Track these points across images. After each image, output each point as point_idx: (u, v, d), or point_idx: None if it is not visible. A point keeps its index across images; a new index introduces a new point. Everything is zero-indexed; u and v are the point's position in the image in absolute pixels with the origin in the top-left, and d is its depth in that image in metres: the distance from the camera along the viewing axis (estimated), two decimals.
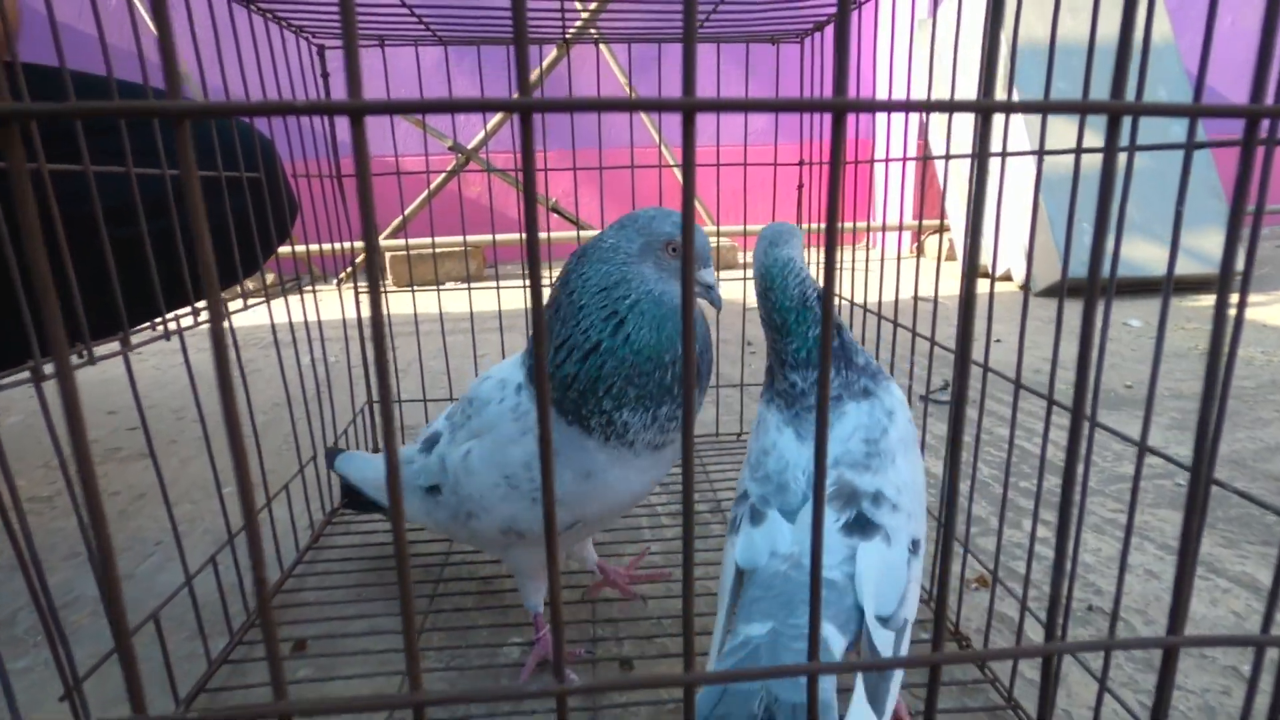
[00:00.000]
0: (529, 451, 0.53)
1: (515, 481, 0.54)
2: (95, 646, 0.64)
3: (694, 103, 0.17)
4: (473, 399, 0.58)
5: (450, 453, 0.57)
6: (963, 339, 0.18)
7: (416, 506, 0.61)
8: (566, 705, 0.20)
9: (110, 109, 0.16)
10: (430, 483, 0.59)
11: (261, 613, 0.18)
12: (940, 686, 0.53)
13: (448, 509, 0.58)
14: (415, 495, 0.60)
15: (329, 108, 0.17)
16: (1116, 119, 0.18)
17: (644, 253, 0.51)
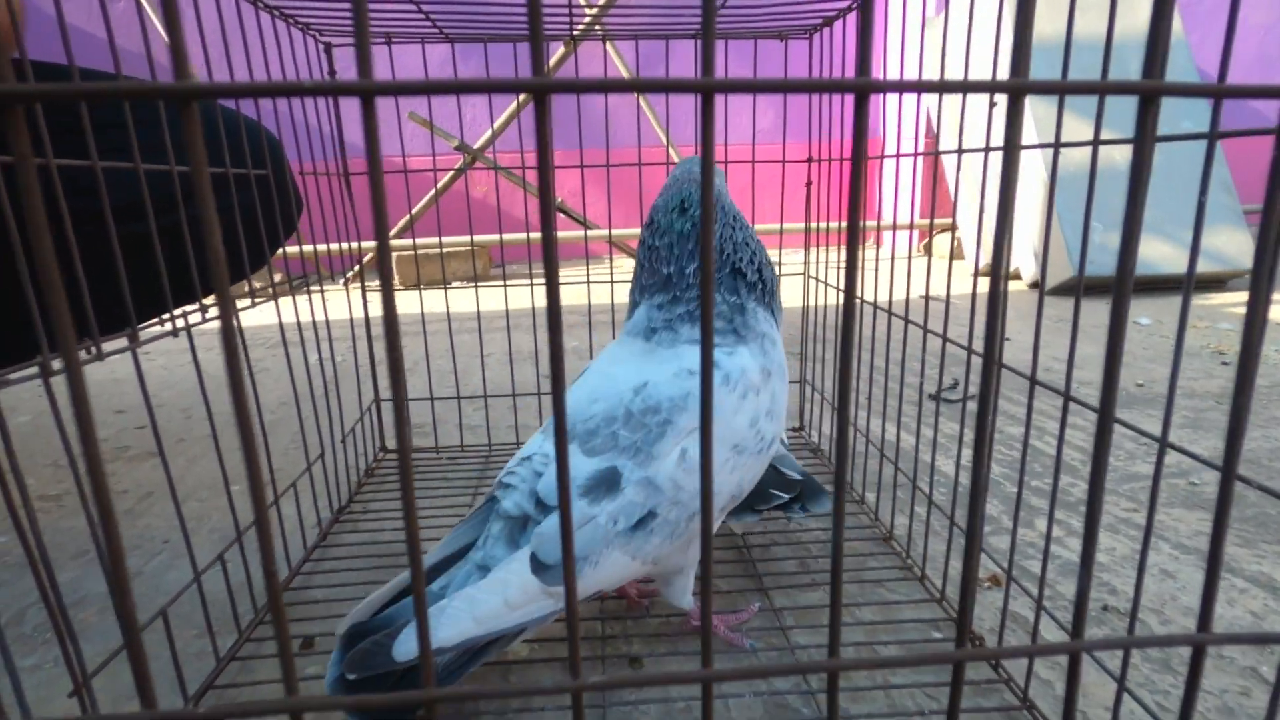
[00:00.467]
0: (753, 409, 0.57)
1: (744, 445, 0.56)
2: (103, 644, 0.64)
3: (713, 83, 0.17)
4: (654, 407, 0.55)
5: (656, 470, 0.53)
6: (992, 319, 0.18)
7: (615, 559, 0.52)
8: (582, 701, 0.20)
9: (116, 90, 0.16)
10: (640, 516, 0.53)
11: (273, 608, 0.18)
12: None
13: (666, 529, 0.53)
14: (614, 548, 0.52)
15: (339, 88, 0.16)
16: (1149, 100, 0.18)
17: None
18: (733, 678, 0.20)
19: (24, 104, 0.16)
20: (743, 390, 0.56)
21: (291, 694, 0.20)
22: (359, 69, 0.16)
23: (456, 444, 1.08)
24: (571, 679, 0.20)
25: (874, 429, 1.09)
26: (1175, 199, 2.13)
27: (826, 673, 0.21)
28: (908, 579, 0.70)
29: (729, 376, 0.56)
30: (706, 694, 0.21)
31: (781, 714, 0.53)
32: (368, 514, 0.87)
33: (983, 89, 0.17)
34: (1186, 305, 0.37)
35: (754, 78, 0.17)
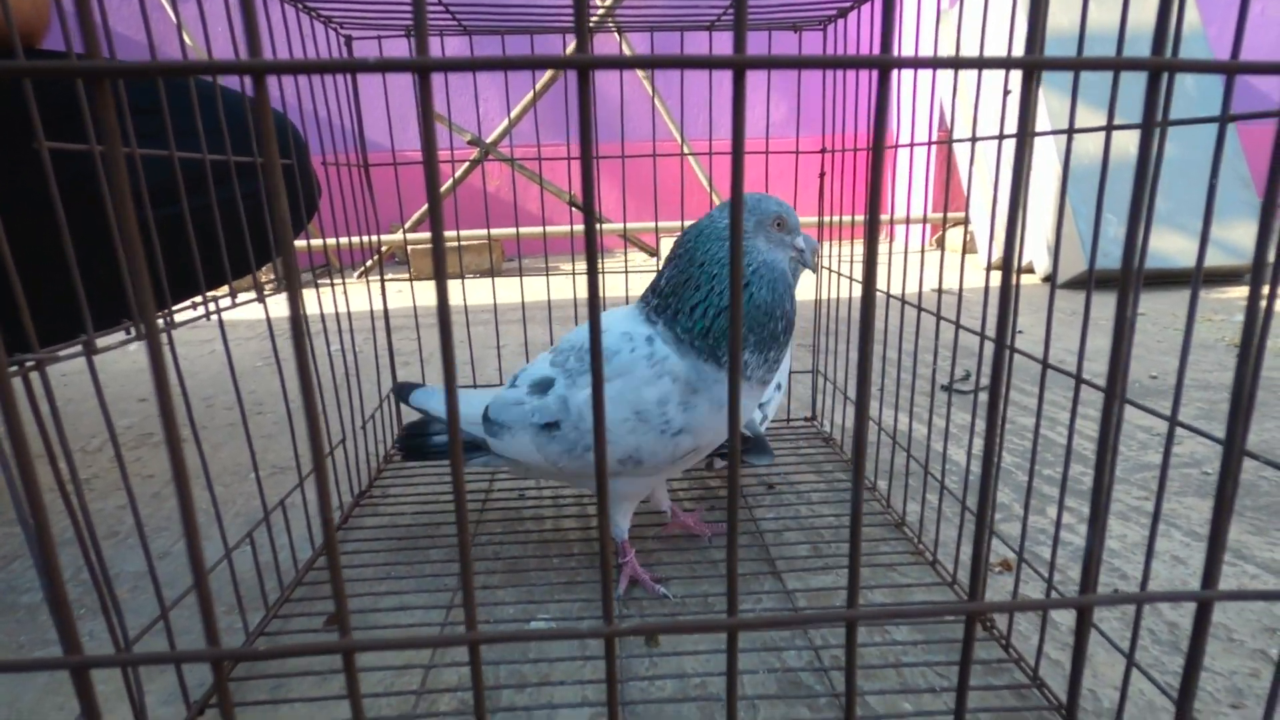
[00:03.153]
0: (664, 390, 0.63)
1: (646, 416, 0.64)
2: (136, 620, 0.66)
3: (745, 59, 0.18)
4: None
5: (573, 394, 0.66)
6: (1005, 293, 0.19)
7: (526, 442, 0.68)
8: (615, 646, 0.21)
9: (190, 67, 0.17)
10: (547, 420, 0.67)
11: (328, 546, 0.19)
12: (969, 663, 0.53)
13: (564, 443, 0.66)
14: (527, 432, 0.68)
15: (398, 64, 0.17)
16: (1157, 76, 0.19)
17: (756, 229, 0.64)
18: (757, 626, 0.21)
19: (111, 79, 0.17)
20: (659, 372, 0.63)
21: (344, 635, 0.21)
22: (417, 48, 0.17)
23: None
24: (605, 625, 0.21)
25: (886, 419, 1.10)
26: (1191, 191, 2.12)
27: (845, 622, 0.22)
28: (919, 563, 0.71)
29: (654, 355, 0.64)
30: (731, 641, 0.22)
31: (794, 690, 0.55)
32: (387, 498, 0.88)
33: (998, 65, 0.18)
34: (1197, 282, 0.37)
35: (784, 54, 0.18)
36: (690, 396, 0.63)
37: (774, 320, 0.63)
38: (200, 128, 0.54)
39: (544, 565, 0.74)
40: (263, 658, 0.20)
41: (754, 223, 0.64)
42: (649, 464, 0.65)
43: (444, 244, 0.19)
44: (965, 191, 2.68)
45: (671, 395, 0.63)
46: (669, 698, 0.54)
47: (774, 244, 0.64)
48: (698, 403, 0.63)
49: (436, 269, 0.19)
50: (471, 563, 0.20)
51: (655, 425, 0.64)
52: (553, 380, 0.68)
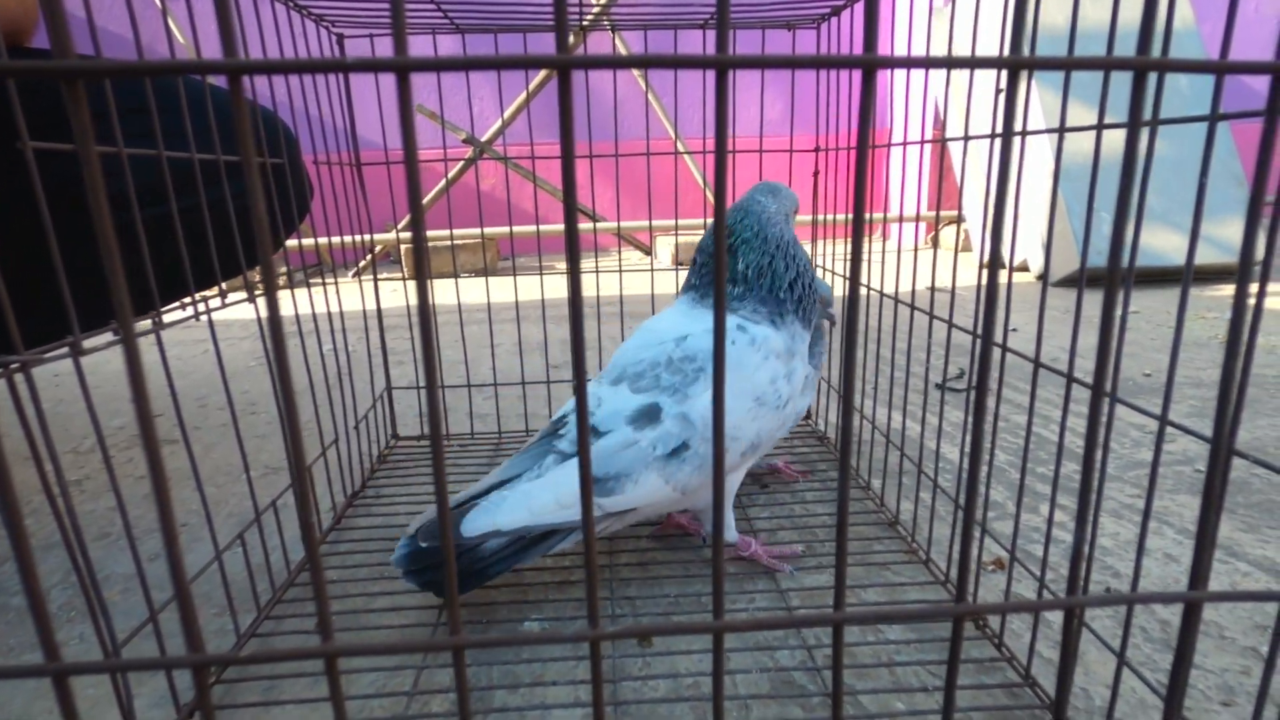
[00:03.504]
0: (773, 370, 0.67)
1: (764, 399, 0.66)
2: (126, 622, 0.66)
3: (727, 59, 0.18)
4: (690, 355, 0.67)
5: (690, 407, 0.64)
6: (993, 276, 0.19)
7: (652, 480, 0.62)
8: (600, 649, 0.21)
9: (167, 66, 0.17)
10: (674, 446, 0.63)
11: (310, 556, 0.19)
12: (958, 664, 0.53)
13: (696, 459, 0.64)
14: (651, 470, 0.62)
15: (378, 64, 0.17)
16: (1143, 76, 0.19)
17: (788, 221, 0.73)
18: (742, 628, 0.21)
19: (86, 79, 0.17)
20: (765, 353, 0.67)
21: (327, 640, 0.21)
22: (395, 47, 0.17)
23: (466, 432, 1.10)
24: (590, 629, 0.21)
25: (880, 417, 1.10)
26: (1185, 189, 2.12)
27: (832, 625, 0.22)
28: (913, 562, 0.71)
29: (754, 339, 0.67)
30: (717, 643, 0.22)
31: (787, 689, 0.55)
32: (380, 499, 0.88)
33: (984, 64, 0.18)
34: (1187, 280, 0.37)
35: (765, 54, 0.18)
36: (790, 363, 0.68)
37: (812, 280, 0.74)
38: (189, 128, 0.54)
39: (538, 565, 0.74)
40: (244, 663, 0.20)
41: (790, 209, 0.74)
42: (764, 445, 0.68)
43: (425, 245, 0.19)
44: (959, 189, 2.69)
45: (779, 370, 0.67)
46: (662, 698, 0.54)
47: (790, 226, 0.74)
48: (795, 366, 0.69)
49: (418, 271, 0.19)
50: (454, 566, 0.20)
51: (772, 404, 0.66)
52: (655, 405, 0.64)
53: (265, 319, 0.19)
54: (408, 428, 1.12)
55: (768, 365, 0.66)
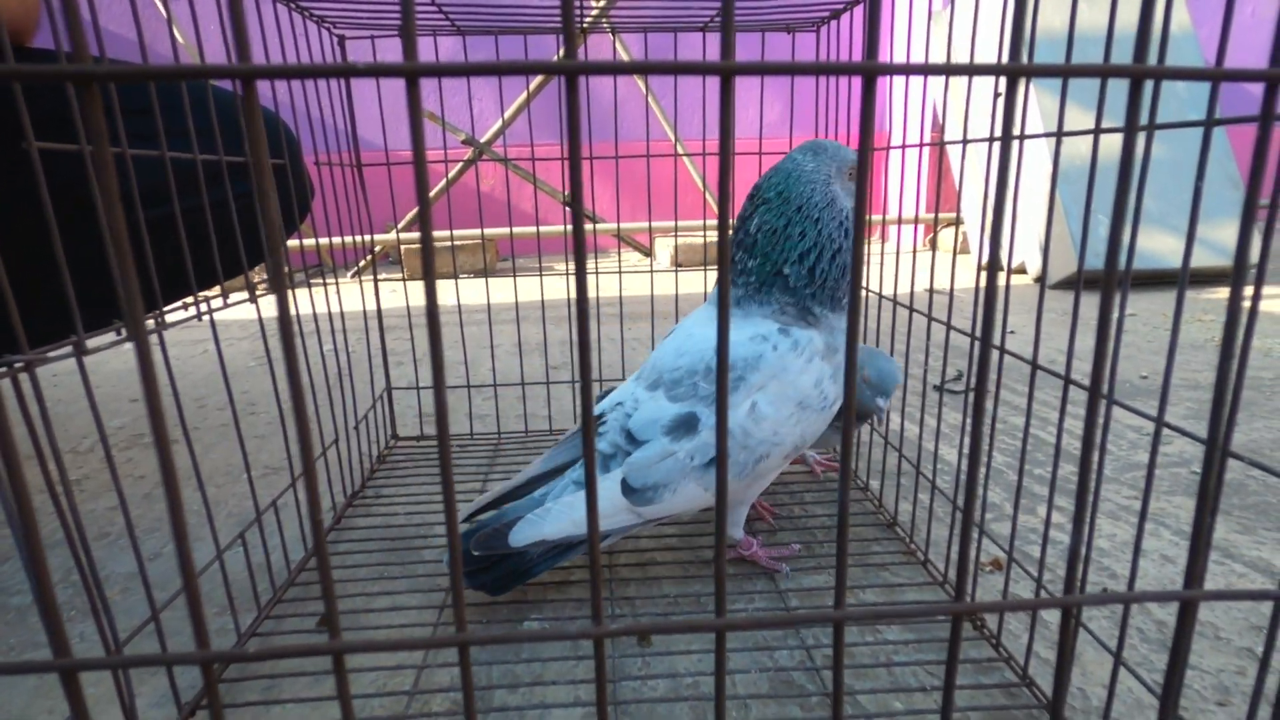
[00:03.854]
0: (817, 373, 0.64)
1: (808, 403, 0.64)
2: (128, 621, 0.66)
3: (733, 66, 0.18)
4: (730, 365, 0.64)
5: (730, 417, 0.63)
6: (991, 279, 0.19)
7: (691, 488, 0.64)
8: (604, 646, 0.21)
9: (180, 71, 0.17)
10: (713, 455, 0.63)
11: (317, 549, 0.20)
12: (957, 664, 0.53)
13: (734, 468, 0.64)
14: (690, 479, 0.63)
15: (388, 70, 0.17)
16: (1139, 83, 0.19)
17: (836, 177, 0.65)
18: (744, 626, 0.21)
19: (100, 83, 0.17)
20: (808, 355, 0.64)
21: (334, 637, 0.21)
22: (405, 53, 0.17)
23: (466, 432, 1.10)
24: (594, 626, 0.22)
25: None
26: (1183, 192, 2.13)
27: (832, 623, 0.22)
28: (911, 563, 0.71)
29: (797, 343, 0.64)
30: (720, 642, 0.22)
31: (786, 689, 0.55)
32: (380, 499, 0.88)
33: (983, 72, 0.18)
34: (1183, 284, 0.38)
35: (771, 61, 0.18)
36: (834, 360, 0.65)
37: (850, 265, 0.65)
38: (192, 128, 0.54)
39: None
40: (252, 659, 0.20)
41: (835, 169, 0.65)
42: (808, 442, 0.67)
43: (433, 249, 0.19)
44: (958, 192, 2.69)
45: (824, 373, 0.65)
46: (661, 697, 0.54)
47: (846, 192, 0.65)
48: (840, 363, 0.65)
49: (426, 277, 0.19)
50: (461, 565, 0.20)
51: (816, 407, 0.65)
52: (693, 414, 0.64)
53: (276, 316, 0.20)
54: (407, 428, 1.12)
55: (811, 368, 0.64)
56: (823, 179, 0.64)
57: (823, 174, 0.64)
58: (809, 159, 0.65)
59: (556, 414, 1.13)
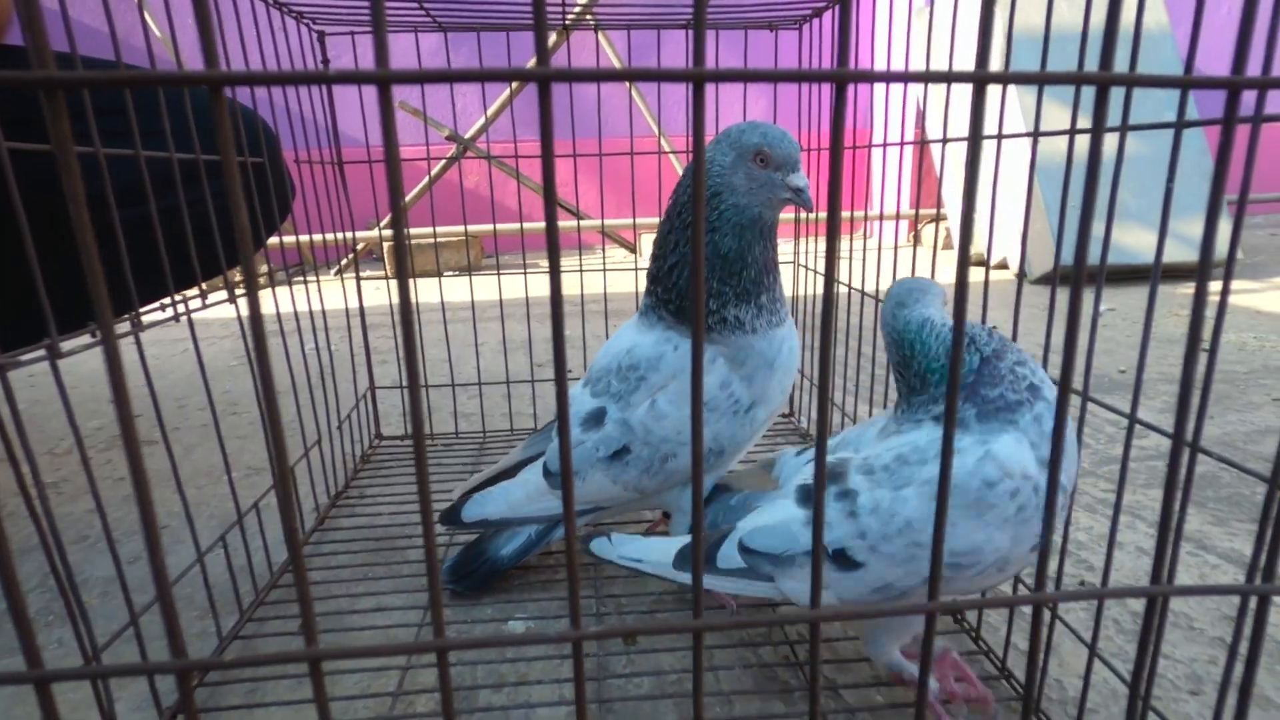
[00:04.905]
0: (721, 374, 0.62)
1: (714, 404, 0.62)
2: (106, 626, 0.65)
3: (703, 73, 0.18)
4: (634, 364, 0.65)
5: (631, 414, 0.64)
6: (961, 286, 0.19)
7: (598, 480, 0.65)
8: (582, 650, 0.21)
9: (152, 78, 0.17)
10: (614, 449, 0.64)
11: (293, 559, 0.20)
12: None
13: (639, 464, 0.64)
14: (597, 470, 0.65)
15: (359, 77, 0.17)
16: (1105, 90, 0.19)
17: (735, 165, 0.58)
18: (721, 627, 0.22)
19: (66, 89, 0.17)
20: (710, 356, 0.62)
21: (310, 644, 0.21)
22: (377, 59, 0.17)
23: (451, 431, 1.09)
24: (573, 630, 0.22)
25: (861, 413, 1.11)
26: (1162, 189, 2.16)
27: (808, 623, 0.22)
28: None
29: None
30: (697, 642, 0.22)
31: (769, 685, 0.55)
32: (364, 499, 0.88)
33: (950, 79, 0.18)
34: (1154, 289, 0.38)
35: (742, 68, 0.18)
36: (741, 371, 0.62)
37: (746, 268, 0.60)
38: (167, 128, 0.53)
39: (522, 565, 0.74)
40: (229, 667, 0.20)
41: (733, 158, 0.58)
42: (729, 450, 0.64)
43: (407, 249, 0.19)
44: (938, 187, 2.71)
45: (731, 375, 0.62)
46: (646, 695, 0.55)
47: (755, 183, 0.58)
48: (752, 370, 0.62)
49: (400, 280, 0.19)
50: (439, 569, 0.20)
51: (726, 409, 0.63)
52: (602, 409, 0.66)
53: (247, 318, 0.20)
54: (391, 427, 1.12)
55: (714, 370, 0.62)
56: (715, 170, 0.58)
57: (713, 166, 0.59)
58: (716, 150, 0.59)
59: (542, 412, 1.13)
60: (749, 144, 0.57)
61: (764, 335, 0.63)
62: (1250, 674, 0.25)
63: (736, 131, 0.58)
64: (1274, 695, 0.53)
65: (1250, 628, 0.23)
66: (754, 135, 0.57)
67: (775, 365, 0.63)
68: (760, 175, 0.57)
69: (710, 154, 0.59)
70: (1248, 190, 0.32)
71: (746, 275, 0.60)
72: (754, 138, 0.57)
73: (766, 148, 0.57)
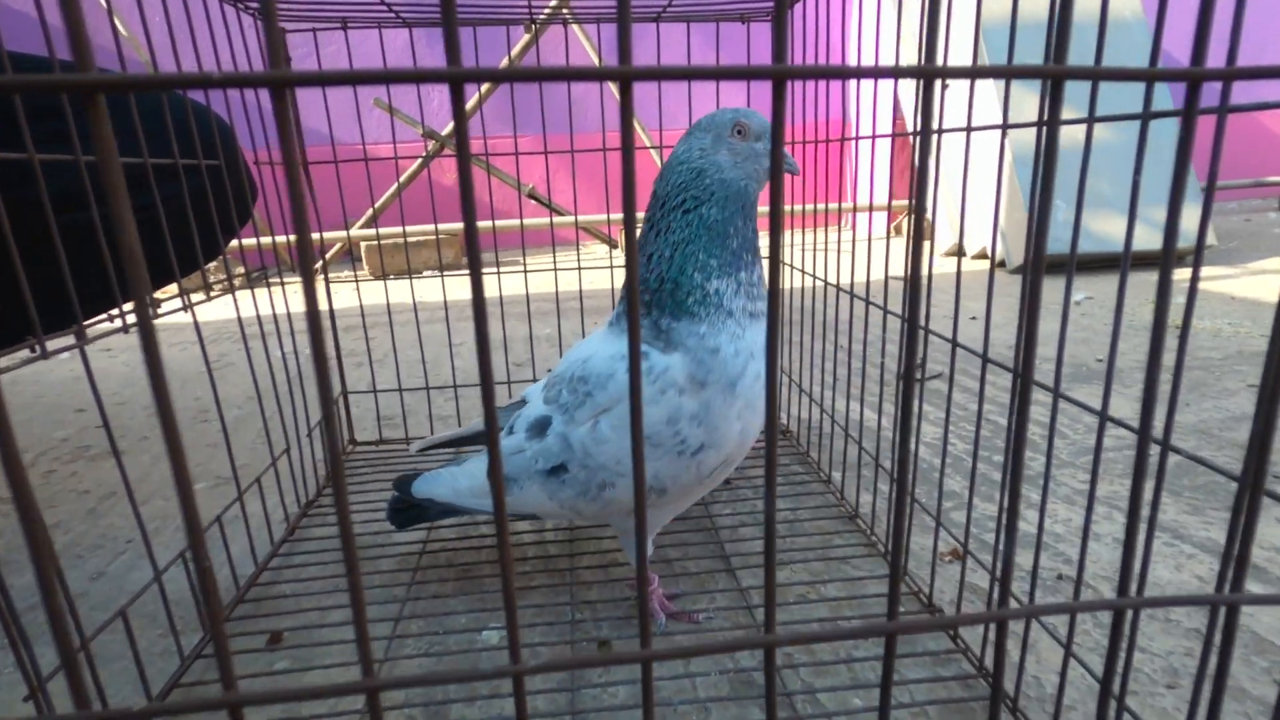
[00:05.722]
0: (670, 408, 0.56)
1: (658, 439, 0.57)
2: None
3: (630, 71, 0.17)
4: (585, 377, 0.61)
5: (572, 431, 0.60)
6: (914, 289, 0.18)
7: (535, 492, 0.62)
8: (524, 685, 0.20)
9: (11, 84, 0.16)
10: (552, 464, 0.61)
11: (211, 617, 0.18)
12: (911, 658, 0.53)
13: (576, 485, 0.60)
14: (534, 481, 0.62)
15: (252, 80, 0.16)
16: (1059, 83, 0.18)
17: (716, 144, 0.58)
18: (667, 656, 0.20)
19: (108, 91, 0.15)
20: (661, 386, 0.56)
21: (229, 689, 0.20)
22: (269, 59, 0.16)
23: (427, 435, 1.07)
24: (511, 664, 0.20)
25: (840, 409, 1.11)
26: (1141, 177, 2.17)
27: (763, 648, 0.21)
28: (872, 555, 0.72)
29: (651, 369, 0.57)
30: (646, 672, 0.21)
31: (747, 690, 0.55)
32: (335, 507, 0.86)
33: (896, 74, 0.17)
34: (1124, 279, 0.38)
35: (671, 65, 0.17)
36: (699, 395, 0.56)
37: (729, 239, 0.58)
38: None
39: (496, 572, 0.73)
40: (144, 716, 0.19)
41: (712, 139, 0.58)
42: (674, 490, 0.59)
43: (310, 249, 0.17)
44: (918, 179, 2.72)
45: (681, 411, 0.56)
46: (621, 704, 0.54)
47: (738, 156, 0.58)
48: (710, 401, 0.56)
49: (305, 284, 0.18)
50: (365, 608, 0.19)
51: (670, 448, 0.57)
52: (549, 419, 0.62)
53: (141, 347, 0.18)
54: (365, 432, 1.10)
55: (664, 401, 0.56)
56: (696, 155, 0.58)
57: (697, 148, 0.58)
58: (680, 145, 0.59)
59: None
60: (724, 121, 0.58)
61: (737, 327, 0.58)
62: (1220, 682, 0.25)
63: (708, 117, 0.59)
64: (1249, 687, 0.52)
65: (1220, 637, 0.23)
66: (727, 114, 0.59)
67: (737, 390, 0.57)
68: (742, 148, 0.58)
69: (688, 143, 0.59)
70: (1215, 179, 0.31)
71: (729, 246, 0.58)
72: (727, 115, 0.58)
73: (743, 119, 0.58)
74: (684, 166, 0.58)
